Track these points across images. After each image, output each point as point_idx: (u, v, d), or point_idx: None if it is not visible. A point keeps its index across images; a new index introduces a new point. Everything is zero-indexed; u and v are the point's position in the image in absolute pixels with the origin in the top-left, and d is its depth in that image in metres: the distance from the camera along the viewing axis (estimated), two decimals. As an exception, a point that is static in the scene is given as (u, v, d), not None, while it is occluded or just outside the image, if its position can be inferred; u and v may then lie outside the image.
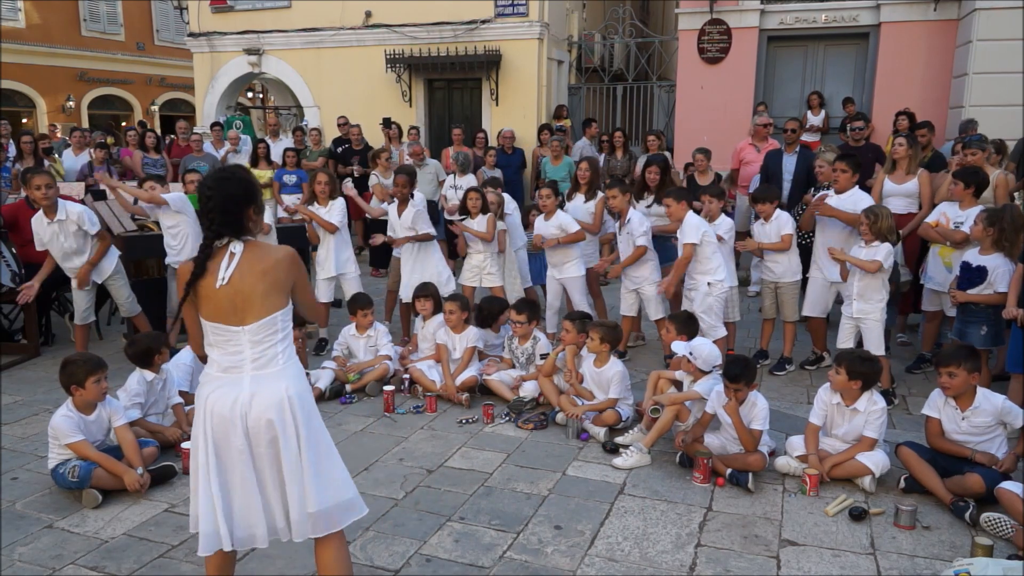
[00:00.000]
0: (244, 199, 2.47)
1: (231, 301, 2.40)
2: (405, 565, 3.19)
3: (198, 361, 4.83)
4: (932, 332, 5.84)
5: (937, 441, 3.89)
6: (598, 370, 4.79)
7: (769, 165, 7.45)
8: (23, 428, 4.73)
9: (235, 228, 2.45)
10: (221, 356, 2.47)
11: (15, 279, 6.10)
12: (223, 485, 2.47)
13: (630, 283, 5.96)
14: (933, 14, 10.06)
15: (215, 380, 2.48)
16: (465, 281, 6.38)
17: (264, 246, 2.49)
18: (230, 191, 2.44)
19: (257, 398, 2.41)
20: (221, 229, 2.42)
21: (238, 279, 2.39)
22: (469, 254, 6.40)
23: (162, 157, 10.13)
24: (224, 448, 2.45)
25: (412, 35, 12.16)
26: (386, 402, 5.03)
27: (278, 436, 2.42)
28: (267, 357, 2.43)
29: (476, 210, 6.23)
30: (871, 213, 4.96)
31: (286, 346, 2.49)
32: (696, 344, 4.47)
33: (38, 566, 3.19)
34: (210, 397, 2.46)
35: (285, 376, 2.45)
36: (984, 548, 3.14)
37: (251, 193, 2.50)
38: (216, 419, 2.43)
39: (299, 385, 2.49)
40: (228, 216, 2.42)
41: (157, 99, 22.31)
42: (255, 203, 2.51)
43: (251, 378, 2.43)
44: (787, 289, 5.75)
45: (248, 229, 2.49)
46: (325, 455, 2.52)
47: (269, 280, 2.41)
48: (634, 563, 3.22)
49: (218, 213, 2.41)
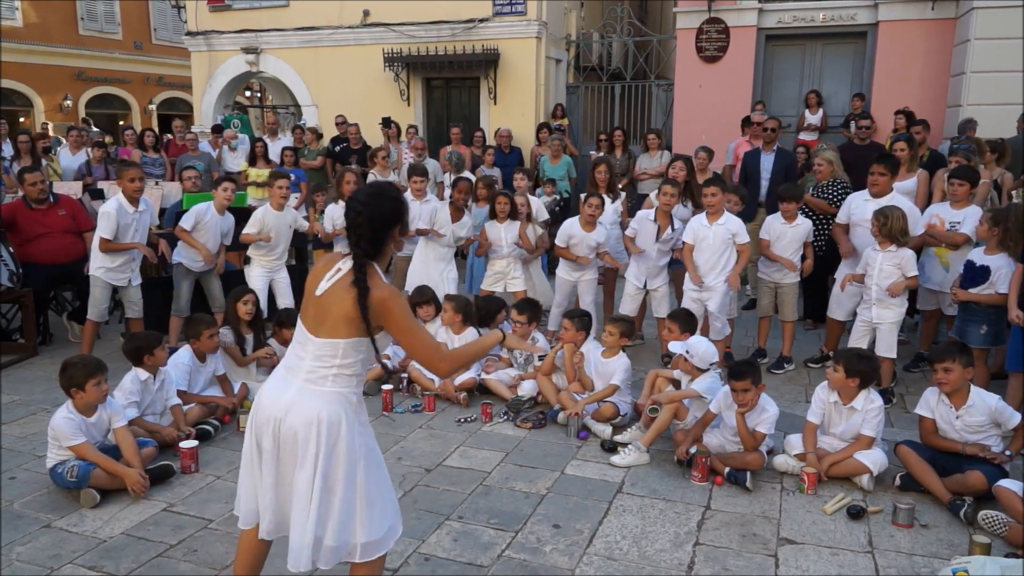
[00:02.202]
0: (393, 218, 2.42)
1: (316, 310, 2.41)
2: (404, 564, 3.19)
3: (196, 361, 4.83)
4: (930, 331, 5.85)
5: (931, 438, 3.91)
6: (604, 361, 4.80)
7: (747, 164, 7.45)
8: (21, 428, 4.73)
9: (378, 248, 2.39)
10: (291, 355, 2.49)
11: (13, 279, 6.10)
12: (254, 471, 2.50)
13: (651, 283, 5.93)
14: (931, 13, 10.06)
15: (277, 373, 2.52)
16: (487, 286, 6.33)
17: (371, 276, 2.36)
18: (381, 209, 2.39)
19: (293, 409, 2.38)
20: (368, 248, 2.36)
21: (328, 293, 2.39)
22: (492, 259, 6.33)
23: (160, 156, 10.11)
24: (261, 439, 2.47)
25: (410, 34, 12.15)
26: (384, 401, 5.03)
27: (298, 452, 2.39)
28: (319, 374, 2.40)
29: (504, 215, 6.20)
30: (880, 214, 4.92)
31: (340, 375, 2.40)
32: (692, 342, 4.48)
33: (36, 566, 3.18)
34: (265, 387, 2.51)
35: (327, 399, 2.39)
36: (982, 546, 3.15)
37: (400, 212, 2.45)
38: (261, 411, 2.46)
39: (336, 413, 2.39)
40: (376, 234, 2.37)
41: (155, 98, 22.29)
42: (402, 223, 2.46)
43: (298, 388, 2.41)
44: (787, 289, 5.76)
45: (388, 252, 2.45)
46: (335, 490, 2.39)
47: (345, 308, 2.34)
48: (632, 562, 3.22)
49: (366, 230, 2.35)
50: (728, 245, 5.44)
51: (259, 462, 2.49)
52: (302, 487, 2.38)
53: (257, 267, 6.26)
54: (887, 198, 5.36)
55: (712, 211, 5.48)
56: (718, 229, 5.45)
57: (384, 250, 2.43)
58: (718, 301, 5.43)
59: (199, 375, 4.86)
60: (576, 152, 10.46)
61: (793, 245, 5.64)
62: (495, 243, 6.21)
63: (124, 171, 5.83)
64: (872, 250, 5.05)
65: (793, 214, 5.64)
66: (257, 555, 2.68)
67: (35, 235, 6.23)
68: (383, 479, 2.52)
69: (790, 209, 5.63)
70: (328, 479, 2.38)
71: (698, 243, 5.52)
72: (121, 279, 5.85)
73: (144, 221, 5.88)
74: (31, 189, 6.20)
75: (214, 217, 6.13)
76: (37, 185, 6.22)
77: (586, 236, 5.95)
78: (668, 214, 5.80)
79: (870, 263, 5.05)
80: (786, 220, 5.66)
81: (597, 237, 5.94)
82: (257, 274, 6.22)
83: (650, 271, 5.91)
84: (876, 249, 5.00)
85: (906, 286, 4.93)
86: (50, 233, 6.25)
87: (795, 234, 5.64)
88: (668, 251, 5.90)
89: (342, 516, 2.39)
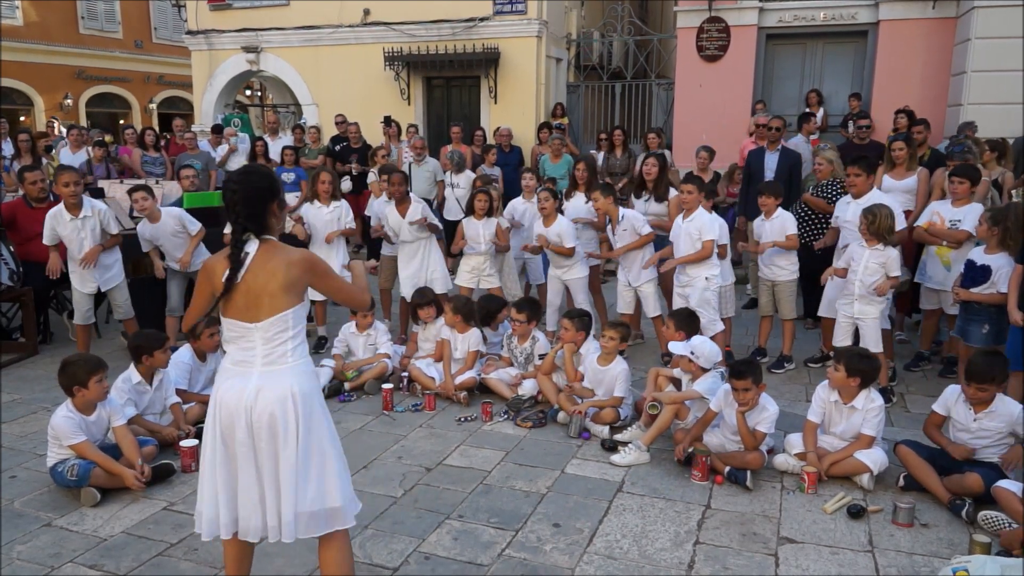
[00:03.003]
0: (268, 193, 2.51)
1: (244, 299, 2.45)
2: (404, 563, 3.19)
3: (197, 360, 4.83)
4: (930, 330, 5.85)
5: (932, 432, 3.92)
6: (602, 368, 4.79)
7: (751, 163, 7.45)
8: (21, 426, 4.73)
9: (258, 223, 2.48)
10: (235, 351, 2.52)
11: (14, 278, 6.10)
12: (229, 474, 2.51)
13: (632, 280, 5.95)
14: (932, 12, 10.06)
15: (227, 372, 2.53)
16: (462, 282, 6.36)
17: (279, 247, 2.51)
18: (254, 184, 2.50)
19: (262, 393, 2.44)
20: (246, 223, 2.45)
21: (251, 278, 2.44)
22: (466, 255, 6.37)
23: (161, 155, 10.11)
24: (229, 439, 2.49)
25: (411, 33, 12.15)
26: (385, 400, 5.03)
27: (278, 431, 2.43)
28: (277, 354, 2.47)
29: (482, 212, 6.22)
30: (868, 213, 4.93)
31: (297, 344, 2.51)
32: (696, 343, 4.46)
33: (37, 564, 3.18)
34: (220, 388, 2.52)
35: (293, 373, 2.48)
36: (982, 546, 3.14)
37: (275, 187, 2.55)
38: (224, 410, 2.48)
39: (306, 384, 2.51)
40: (252, 210, 2.46)
41: (155, 97, 22.28)
42: (278, 198, 2.55)
43: (259, 373, 2.46)
44: (784, 287, 5.76)
45: (270, 225, 2.53)
46: (323, 456, 2.51)
47: (280, 279, 2.44)
48: (633, 561, 3.22)
49: (242, 206, 2.45)
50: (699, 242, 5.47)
51: (228, 464, 2.51)
52: (288, 461, 2.45)
53: None
54: (867, 198, 5.40)
55: (687, 208, 5.58)
56: (688, 226, 5.53)
57: (268, 223, 2.52)
58: (696, 296, 5.48)
59: (200, 374, 4.86)
60: (576, 151, 10.44)
61: (772, 236, 5.66)
62: (472, 240, 6.25)
63: (58, 175, 5.69)
64: (858, 246, 5.05)
65: (772, 208, 5.67)
66: (244, 556, 2.70)
67: (35, 234, 6.20)
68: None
69: (768, 204, 5.66)
70: (320, 446, 2.50)
71: (675, 241, 5.63)
72: (90, 288, 5.81)
73: (91, 226, 5.69)
74: (31, 188, 6.21)
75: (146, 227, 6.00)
76: (37, 184, 6.23)
77: (546, 232, 6.03)
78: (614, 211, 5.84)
79: (855, 258, 5.04)
80: (765, 216, 5.73)
81: (555, 229, 5.98)
82: None
83: (629, 269, 5.95)
84: (862, 245, 5.01)
85: (889, 286, 4.93)
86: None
87: (772, 228, 5.67)
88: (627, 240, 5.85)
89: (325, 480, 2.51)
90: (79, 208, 5.64)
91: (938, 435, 3.91)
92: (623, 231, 5.82)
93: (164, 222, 6.01)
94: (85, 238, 5.69)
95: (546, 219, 6.08)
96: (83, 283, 5.80)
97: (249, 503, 2.50)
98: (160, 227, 6.01)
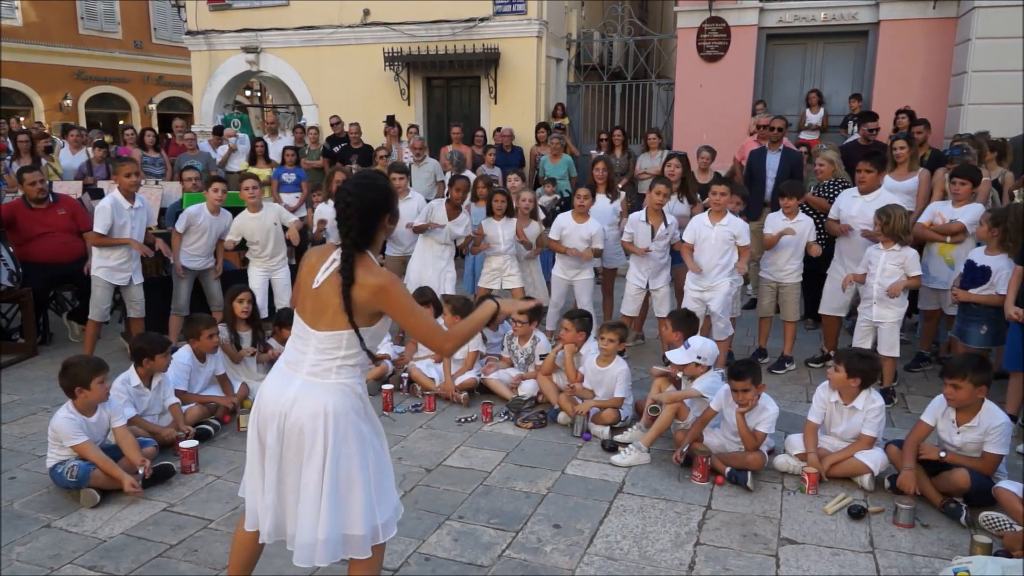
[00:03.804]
0: (384, 207, 2.42)
1: (313, 303, 2.40)
2: (404, 564, 3.18)
3: (196, 360, 4.82)
4: (930, 330, 5.85)
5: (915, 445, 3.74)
6: (602, 369, 4.78)
7: (753, 163, 7.44)
8: (21, 427, 4.72)
9: (368, 237, 2.39)
10: (291, 350, 2.48)
11: (13, 278, 6.09)
12: (256, 470, 2.50)
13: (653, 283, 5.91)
14: (932, 12, 10.06)
15: (277, 369, 2.51)
16: (484, 283, 6.33)
17: (366, 264, 2.38)
18: (370, 198, 2.39)
19: (298, 403, 2.38)
20: (358, 239, 2.35)
21: (327, 286, 2.38)
22: (488, 256, 6.33)
23: (161, 155, 10.11)
24: (263, 436, 2.46)
25: (410, 33, 12.15)
26: (385, 401, 5.02)
27: (304, 445, 2.38)
28: (323, 367, 2.40)
29: (501, 212, 6.20)
30: (883, 213, 4.89)
31: (347, 364, 2.42)
32: (698, 347, 4.41)
33: (36, 565, 3.18)
34: (266, 383, 2.50)
35: (333, 391, 2.40)
36: (983, 546, 3.14)
37: (390, 201, 2.45)
38: (263, 408, 2.46)
39: (345, 403, 2.41)
40: (365, 224, 2.36)
41: (155, 97, 22.30)
42: (391, 211, 2.46)
43: (303, 382, 2.41)
44: (789, 289, 5.75)
45: (377, 240, 2.44)
46: (350, 482, 2.41)
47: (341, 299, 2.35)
48: (633, 562, 3.21)
49: (356, 221, 2.35)
50: (730, 246, 5.41)
51: (262, 459, 2.48)
52: (310, 481, 2.37)
53: (255, 267, 6.30)
54: (874, 195, 5.37)
55: (716, 211, 5.46)
56: (720, 230, 5.41)
57: (375, 239, 2.43)
58: (720, 301, 5.41)
59: (199, 375, 4.85)
60: (576, 152, 10.45)
61: (794, 242, 5.62)
62: (492, 240, 6.21)
63: (120, 166, 5.85)
64: (875, 249, 5.04)
65: (794, 210, 5.63)
66: (252, 555, 2.68)
67: (35, 235, 6.22)
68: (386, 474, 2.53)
69: (791, 205, 5.61)
70: (349, 470, 2.40)
71: (699, 243, 5.49)
72: (122, 278, 5.84)
73: (140, 218, 5.87)
74: (31, 189, 6.20)
75: (207, 218, 6.13)
76: (37, 185, 6.22)
77: (578, 227, 5.96)
78: (660, 212, 5.80)
79: (872, 262, 5.03)
80: (787, 216, 5.65)
81: (590, 229, 5.95)
82: (255, 273, 6.26)
83: (651, 271, 5.89)
84: (879, 248, 4.99)
85: (906, 285, 4.92)
86: (50, 233, 6.24)
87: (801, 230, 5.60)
88: (666, 249, 5.88)
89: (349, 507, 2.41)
90: (135, 198, 5.81)
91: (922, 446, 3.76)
92: (664, 235, 5.76)
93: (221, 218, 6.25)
94: (136, 228, 5.83)
95: (578, 216, 5.99)
96: (113, 275, 5.79)
97: (264, 503, 2.47)
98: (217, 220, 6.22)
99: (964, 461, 3.65)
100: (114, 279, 5.81)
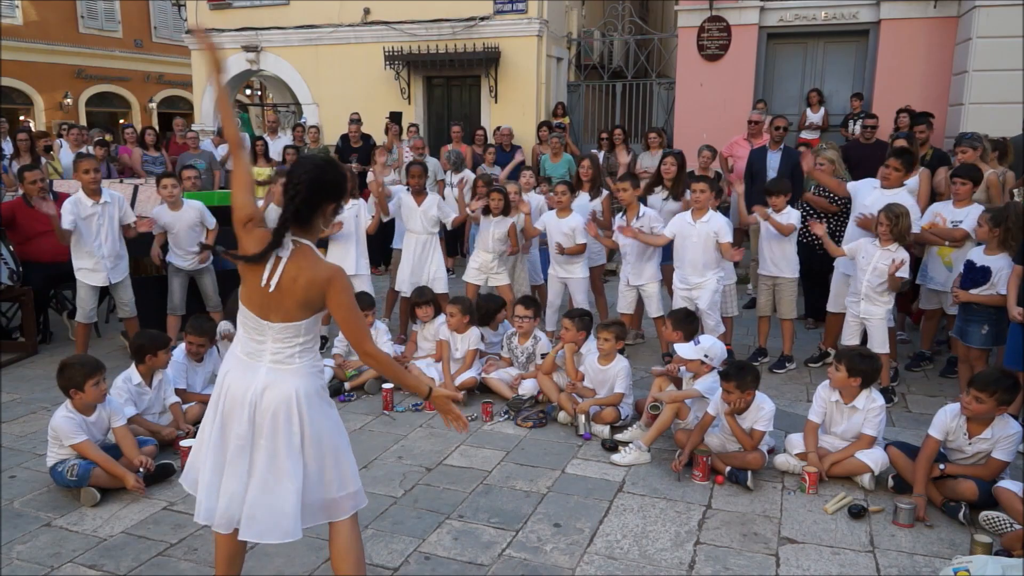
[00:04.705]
0: (334, 193, 2.45)
1: (267, 299, 2.42)
2: (404, 563, 3.18)
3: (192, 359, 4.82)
4: (931, 330, 5.84)
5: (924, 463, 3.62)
6: (603, 368, 4.77)
7: (754, 162, 7.44)
8: (21, 426, 4.72)
9: (307, 215, 2.41)
10: (247, 340, 2.50)
11: (13, 277, 6.09)
12: (217, 461, 2.49)
13: (633, 279, 5.93)
14: (933, 11, 10.06)
15: (237, 360, 2.52)
16: (469, 279, 6.34)
17: (312, 258, 2.43)
18: (326, 178, 2.42)
19: (269, 391, 2.43)
20: (297, 213, 2.38)
21: (279, 287, 2.39)
22: (476, 252, 6.37)
23: (161, 154, 10.10)
24: (228, 427, 2.48)
25: (411, 32, 12.15)
26: (385, 400, 5.02)
27: (280, 429, 2.43)
28: (285, 355, 2.46)
29: (498, 210, 6.21)
30: (892, 214, 4.85)
31: (305, 349, 2.49)
32: (707, 345, 4.41)
33: (36, 564, 3.18)
34: (229, 375, 2.51)
35: (299, 374, 2.47)
36: (983, 546, 3.14)
37: (341, 190, 2.49)
38: (228, 400, 2.47)
39: (311, 384, 2.50)
40: (312, 202, 2.39)
41: (155, 96, 22.28)
42: (338, 202, 2.50)
43: (267, 369, 2.46)
44: (785, 286, 5.74)
45: (316, 226, 2.47)
46: (336, 449, 2.54)
47: (301, 295, 2.40)
48: (633, 561, 3.21)
49: (304, 190, 2.37)
50: (713, 243, 5.43)
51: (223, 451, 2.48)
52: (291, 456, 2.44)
53: None
54: (893, 192, 5.33)
55: (698, 208, 5.48)
56: (702, 227, 5.43)
57: (312, 222, 2.45)
58: (707, 298, 5.43)
59: (196, 375, 4.85)
60: (577, 151, 10.44)
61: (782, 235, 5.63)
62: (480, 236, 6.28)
63: (78, 163, 5.78)
64: (870, 244, 5.01)
65: (781, 207, 5.63)
66: (233, 551, 2.66)
67: (35, 233, 6.22)
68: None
69: (779, 203, 5.62)
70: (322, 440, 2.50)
71: (683, 241, 5.52)
72: (99, 278, 5.77)
73: (109, 213, 5.76)
74: (31, 188, 6.20)
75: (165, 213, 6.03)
76: (37, 183, 6.21)
77: (559, 222, 6.02)
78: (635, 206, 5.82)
79: (865, 256, 5.00)
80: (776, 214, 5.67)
81: (571, 223, 5.99)
82: None
83: (633, 267, 5.91)
84: (875, 244, 4.97)
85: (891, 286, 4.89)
86: (50, 231, 6.21)
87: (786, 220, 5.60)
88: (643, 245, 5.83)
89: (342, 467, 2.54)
90: (99, 194, 5.72)
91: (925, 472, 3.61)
92: (639, 228, 5.77)
93: (185, 212, 6.06)
94: (103, 225, 5.73)
95: (560, 211, 6.07)
96: (92, 276, 5.76)
97: (228, 494, 2.47)
98: (180, 216, 6.05)
99: (965, 471, 3.63)
100: (92, 280, 5.78)
